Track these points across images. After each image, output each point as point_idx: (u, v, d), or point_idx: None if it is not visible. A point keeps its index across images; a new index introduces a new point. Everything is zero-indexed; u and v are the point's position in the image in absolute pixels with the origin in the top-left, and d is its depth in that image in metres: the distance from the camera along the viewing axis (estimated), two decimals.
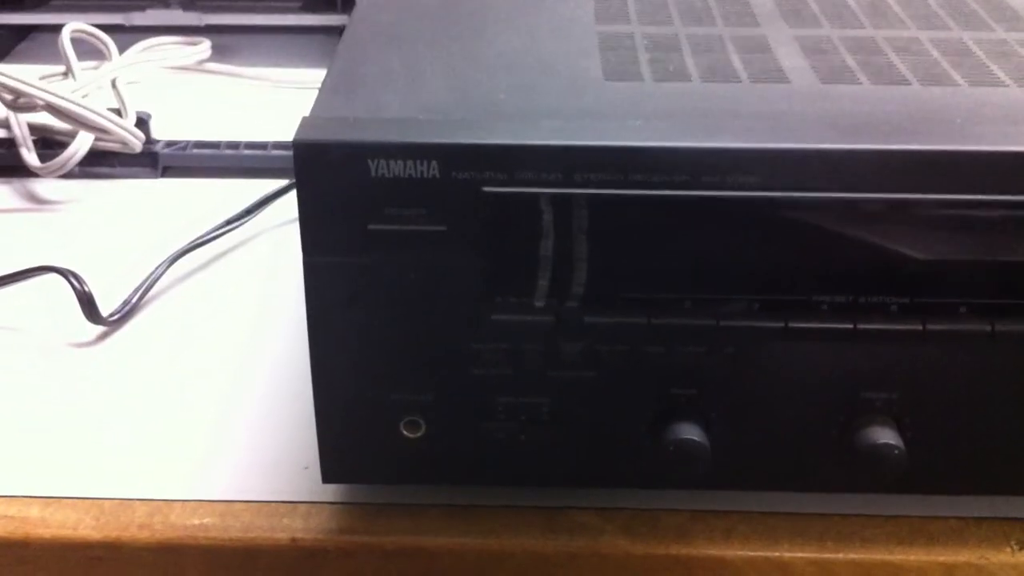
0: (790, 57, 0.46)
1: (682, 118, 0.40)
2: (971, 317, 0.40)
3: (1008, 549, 0.45)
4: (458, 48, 0.47)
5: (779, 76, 0.44)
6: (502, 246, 0.39)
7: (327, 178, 0.38)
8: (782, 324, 0.40)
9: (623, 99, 0.42)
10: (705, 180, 0.38)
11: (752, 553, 0.45)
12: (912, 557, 0.45)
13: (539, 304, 0.40)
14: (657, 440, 0.42)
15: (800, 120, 0.40)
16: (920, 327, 0.40)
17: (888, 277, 0.40)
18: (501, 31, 0.48)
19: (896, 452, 0.41)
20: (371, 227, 0.39)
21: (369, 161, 0.38)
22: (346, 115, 0.40)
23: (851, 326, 0.40)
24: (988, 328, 0.40)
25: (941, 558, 0.45)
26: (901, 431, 0.42)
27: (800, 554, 0.45)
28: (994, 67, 0.45)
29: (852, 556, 0.45)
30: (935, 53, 0.46)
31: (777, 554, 0.45)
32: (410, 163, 0.38)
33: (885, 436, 0.41)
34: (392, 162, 0.38)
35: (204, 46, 0.82)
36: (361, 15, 0.51)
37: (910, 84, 0.43)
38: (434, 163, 0.38)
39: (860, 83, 0.43)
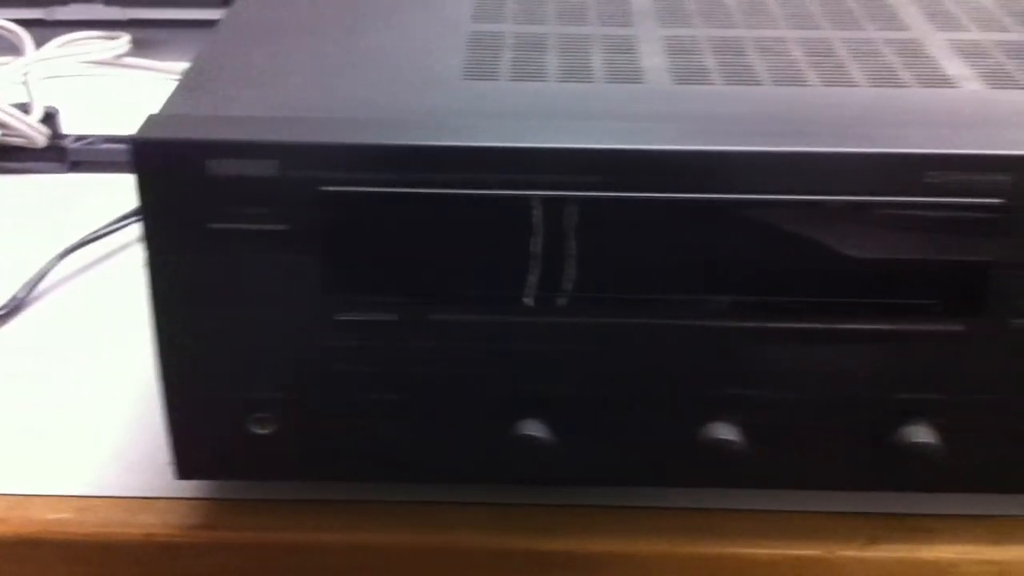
0: (652, 57, 0.46)
1: (523, 118, 0.41)
2: (812, 315, 0.40)
3: (857, 543, 0.45)
4: (324, 44, 0.47)
5: (635, 76, 0.44)
6: (344, 245, 0.39)
7: (166, 177, 0.38)
8: (625, 320, 0.41)
9: (474, 98, 0.42)
10: (542, 180, 0.38)
11: (609, 548, 0.45)
12: (763, 551, 0.45)
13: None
14: (505, 435, 0.42)
15: (643, 120, 0.41)
16: (763, 324, 0.41)
17: (730, 276, 0.40)
18: (373, 27, 0.49)
19: (735, 447, 0.41)
20: (212, 226, 0.39)
21: (207, 160, 0.38)
22: (192, 113, 0.40)
23: (694, 322, 0.41)
24: (828, 326, 0.41)
25: (791, 552, 0.45)
26: (746, 426, 0.42)
27: (656, 549, 0.45)
28: (853, 67, 0.45)
29: (704, 550, 0.45)
30: (797, 53, 0.47)
31: (634, 549, 0.45)
32: (247, 162, 0.38)
33: (727, 432, 0.42)
34: (230, 161, 0.38)
35: (123, 40, 0.82)
36: (235, 10, 0.51)
37: (762, 84, 0.44)
38: (271, 162, 0.38)
39: (713, 84, 0.44)
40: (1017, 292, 0.40)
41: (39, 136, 0.66)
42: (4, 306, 0.56)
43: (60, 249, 0.60)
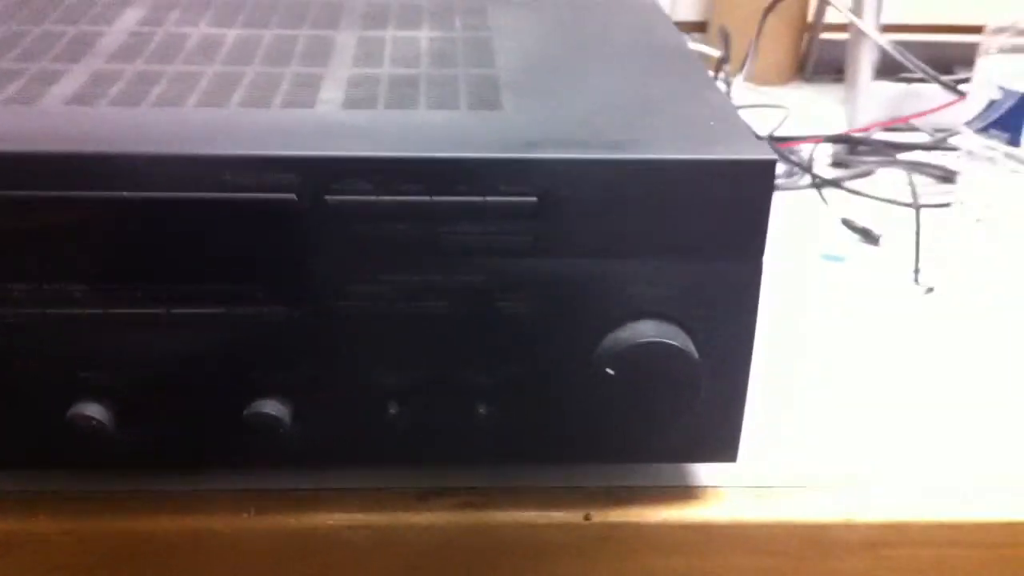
0: (69, 85, 0.52)
1: None
2: (147, 301, 0.46)
3: (242, 516, 0.51)
4: None
5: (29, 99, 0.50)
6: None
7: None
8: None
9: None
10: None
11: (8, 527, 0.49)
12: (162, 527, 0.50)
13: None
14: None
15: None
16: (102, 311, 0.46)
17: (68, 266, 0.45)
18: None
19: (94, 423, 0.46)
20: None
21: None
22: None
23: (39, 311, 0.46)
24: (164, 311, 0.46)
25: (191, 525, 0.50)
26: (111, 406, 0.47)
27: (56, 526, 0.50)
28: (236, 95, 0.52)
29: (113, 527, 0.50)
30: (203, 83, 0.53)
31: (36, 527, 0.50)
32: None
33: (91, 410, 0.47)
34: None
35: None
36: None
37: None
38: None
39: (98, 106, 0.50)
40: (336, 278, 0.46)
41: None
42: None
43: None
